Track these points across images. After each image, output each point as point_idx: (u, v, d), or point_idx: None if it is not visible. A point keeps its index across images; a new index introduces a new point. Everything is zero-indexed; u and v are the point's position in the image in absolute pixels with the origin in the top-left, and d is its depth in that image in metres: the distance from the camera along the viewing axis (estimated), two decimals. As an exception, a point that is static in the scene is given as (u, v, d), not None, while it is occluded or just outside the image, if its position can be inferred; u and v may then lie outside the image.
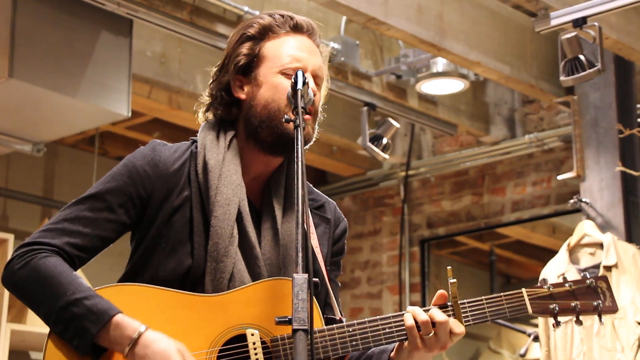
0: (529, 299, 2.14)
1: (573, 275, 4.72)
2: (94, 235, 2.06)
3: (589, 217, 4.99)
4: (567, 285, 2.17)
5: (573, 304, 2.15)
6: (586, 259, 4.80)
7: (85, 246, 2.06)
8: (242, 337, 2.01)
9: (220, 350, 2.00)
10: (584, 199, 5.03)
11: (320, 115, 2.23)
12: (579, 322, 2.15)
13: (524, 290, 2.15)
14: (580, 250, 4.83)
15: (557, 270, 4.79)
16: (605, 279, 2.19)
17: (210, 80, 2.26)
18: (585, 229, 4.85)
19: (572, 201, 5.06)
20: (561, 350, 4.67)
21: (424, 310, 2.07)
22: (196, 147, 2.17)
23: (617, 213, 4.96)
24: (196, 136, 2.21)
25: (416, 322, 2.06)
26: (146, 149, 2.15)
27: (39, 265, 1.99)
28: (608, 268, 4.65)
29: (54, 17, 4.17)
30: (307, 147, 2.21)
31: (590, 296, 2.16)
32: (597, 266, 4.71)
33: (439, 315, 2.06)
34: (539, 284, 2.18)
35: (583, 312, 2.15)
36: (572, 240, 4.86)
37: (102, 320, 1.93)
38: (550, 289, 2.15)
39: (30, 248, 2.03)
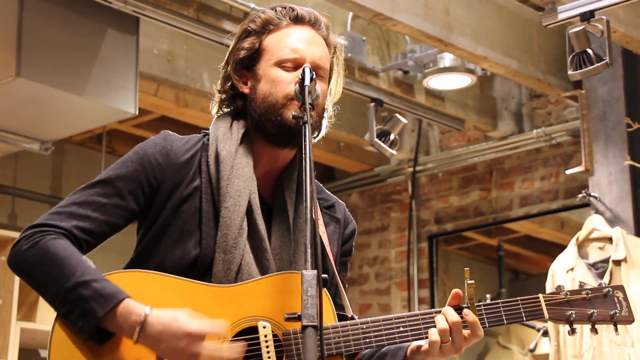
0: (546, 305, 2.14)
1: (582, 269, 4.70)
2: (103, 221, 2.06)
3: (597, 212, 4.97)
4: (584, 292, 2.16)
5: (590, 312, 2.14)
6: (595, 253, 4.78)
7: (94, 231, 2.05)
8: (253, 330, 2.00)
9: (231, 342, 1.99)
10: (592, 193, 5.01)
11: (334, 108, 2.25)
12: (594, 331, 2.15)
13: (541, 295, 2.15)
14: (589, 244, 4.82)
15: (566, 265, 4.78)
16: (621, 288, 2.18)
17: (220, 77, 2.26)
18: (594, 223, 4.84)
19: (580, 195, 5.05)
20: (570, 345, 4.66)
21: (436, 312, 2.08)
22: (208, 139, 2.17)
23: (626, 207, 4.94)
24: (207, 130, 2.21)
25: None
26: (158, 138, 2.15)
27: (48, 246, 1.97)
28: (617, 262, 4.64)
29: (60, 16, 4.17)
30: (315, 140, 2.22)
31: (607, 305, 2.15)
32: (606, 260, 4.69)
33: (470, 315, 2.07)
34: (555, 290, 2.17)
35: (599, 321, 2.14)
36: (581, 234, 4.85)
37: (110, 303, 1.91)
38: (567, 295, 2.15)
39: (38, 230, 2.02)
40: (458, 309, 2.09)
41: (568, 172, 5.29)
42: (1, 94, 4.20)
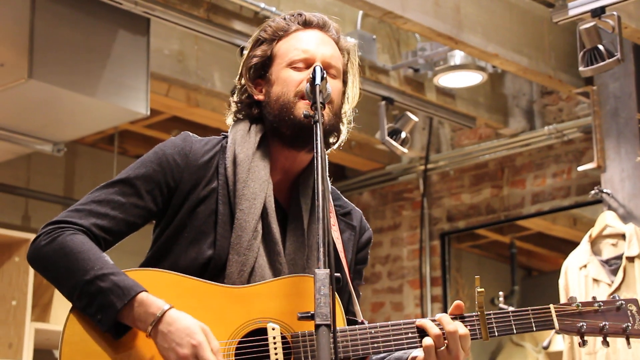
0: (557, 315, 2.13)
1: (595, 266, 4.69)
2: (121, 220, 2.08)
3: (610, 208, 4.96)
4: (596, 304, 2.15)
5: (601, 324, 2.13)
6: (608, 250, 4.77)
7: (112, 229, 2.07)
8: (263, 331, 2.01)
9: (240, 342, 2.00)
10: (605, 190, 5.00)
11: (351, 111, 2.27)
12: (605, 344, 2.14)
13: (552, 306, 2.14)
14: (602, 241, 4.80)
15: (579, 262, 4.77)
16: (635, 301, 2.17)
17: (235, 88, 2.28)
18: (607, 220, 4.83)
19: (593, 192, 5.03)
20: (584, 342, 4.64)
21: (432, 320, 2.08)
22: (226, 142, 2.19)
23: (639, 203, 4.92)
24: (225, 132, 2.23)
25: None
26: (177, 138, 2.17)
27: (67, 240, 2.00)
28: (631, 259, 4.62)
29: (71, 18, 4.19)
30: (335, 145, 2.23)
31: (620, 318, 2.14)
32: (619, 257, 4.68)
33: (460, 327, 2.07)
34: (567, 301, 2.16)
35: (611, 334, 2.13)
36: (594, 231, 4.84)
37: (128, 295, 1.93)
38: (579, 306, 2.14)
39: (57, 226, 2.04)
40: (468, 317, 2.09)
41: (580, 168, 5.28)
42: (14, 96, 4.22)
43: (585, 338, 2.14)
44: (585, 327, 2.12)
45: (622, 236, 4.73)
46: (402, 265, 6.62)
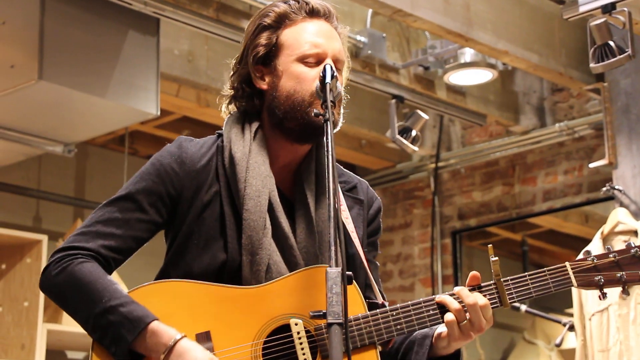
0: (573, 272, 2.11)
1: (607, 263, 4.67)
2: (128, 236, 2.08)
3: (622, 205, 4.93)
4: (611, 255, 2.13)
5: (619, 275, 2.11)
6: (620, 247, 4.74)
7: (120, 247, 2.08)
8: (286, 328, 2.01)
9: (265, 342, 2.00)
10: (616, 187, 4.98)
11: (344, 100, 2.22)
12: (626, 292, 2.12)
13: (567, 263, 2.12)
14: (614, 238, 4.78)
15: (591, 259, 4.75)
16: None
17: (231, 73, 2.24)
18: (619, 216, 4.81)
19: (604, 189, 5.01)
20: (597, 339, 4.63)
21: (450, 294, 2.08)
22: (222, 141, 2.17)
23: (651, 200, 4.90)
24: (222, 130, 2.21)
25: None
26: (172, 146, 2.15)
27: (75, 271, 2.02)
28: (643, 255, 4.60)
29: (81, 19, 4.20)
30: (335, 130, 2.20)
31: (636, 265, 2.12)
32: (631, 254, 4.65)
33: (480, 298, 2.07)
34: (582, 257, 2.14)
35: (629, 282, 2.11)
36: (606, 228, 4.82)
37: (138, 327, 1.95)
38: (595, 260, 2.12)
39: (66, 253, 2.05)
40: (487, 287, 2.09)
41: (591, 165, 5.26)
42: (24, 97, 4.24)
43: (605, 291, 2.11)
44: (603, 280, 2.10)
45: (635, 233, 4.71)
46: (414, 263, 6.62)
